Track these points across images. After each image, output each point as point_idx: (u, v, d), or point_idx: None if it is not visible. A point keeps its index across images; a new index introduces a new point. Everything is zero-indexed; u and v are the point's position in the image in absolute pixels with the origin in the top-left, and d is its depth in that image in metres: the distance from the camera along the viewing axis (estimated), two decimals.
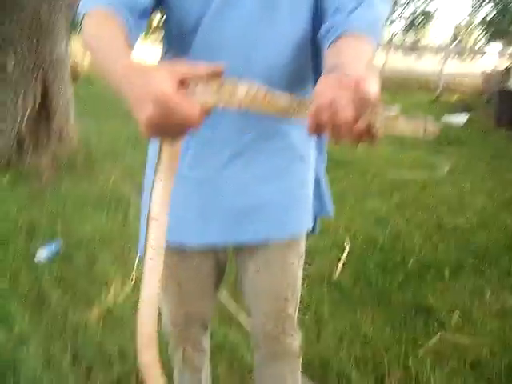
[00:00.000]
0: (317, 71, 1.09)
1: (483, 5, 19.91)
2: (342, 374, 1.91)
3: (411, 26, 22.88)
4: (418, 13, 22.42)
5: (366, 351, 2.05)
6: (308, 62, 1.08)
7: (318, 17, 1.01)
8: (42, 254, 2.84)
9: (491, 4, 19.48)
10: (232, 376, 1.91)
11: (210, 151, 1.09)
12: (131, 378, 1.90)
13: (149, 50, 13.66)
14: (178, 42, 1.06)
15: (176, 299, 1.30)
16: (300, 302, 2.22)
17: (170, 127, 0.65)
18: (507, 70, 9.46)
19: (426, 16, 22.89)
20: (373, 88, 0.63)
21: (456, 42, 22.62)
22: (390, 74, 12.14)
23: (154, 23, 11.07)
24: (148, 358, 0.85)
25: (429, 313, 2.35)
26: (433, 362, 1.99)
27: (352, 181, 4.41)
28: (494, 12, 19.53)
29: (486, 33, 20.76)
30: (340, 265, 2.79)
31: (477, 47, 22.22)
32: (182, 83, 0.64)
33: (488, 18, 20.17)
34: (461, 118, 7.52)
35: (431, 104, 9.55)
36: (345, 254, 2.90)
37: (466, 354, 2.06)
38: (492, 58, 15.32)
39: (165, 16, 1.05)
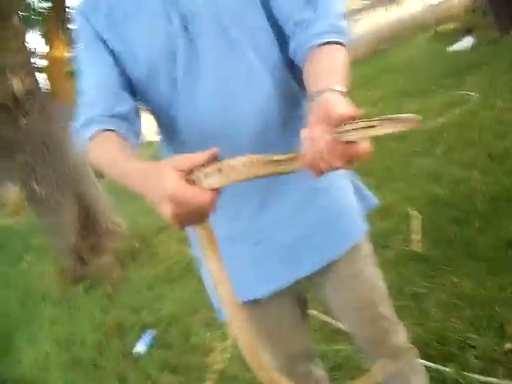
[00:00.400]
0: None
1: None
2: (461, 341, 1.86)
3: None
4: None
5: (475, 310, 1.98)
6: (290, 79, 1.09)
7: (280, 34, 1.03)
8: (140, 347, 2.91)
9: None
10: None
11: (238, 207, 1.10)
12: None
13: None
14: (165, 127, 1.11)
15: (271, 345, 1.30)
16: (391, 287, 2.20)
17: (192, 216, 0.73)
18: None
19: None
20: (342, 108, 0.70)
21: None
22: (380, 31, 11.96)
23: None
24: None
25: None
26: None
27: (391, 150, 4.30)
28: None
29: None
30: (415, 236, 2.71)
31: None
32: (187, 174, 0.71)
33: None
34: (466, 42, 7.28)
35: (432, 41, 9.29)
36: (415, 223, 2.83)
37: None
38: None
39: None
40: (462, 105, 4.64)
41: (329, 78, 0.82)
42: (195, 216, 0.74)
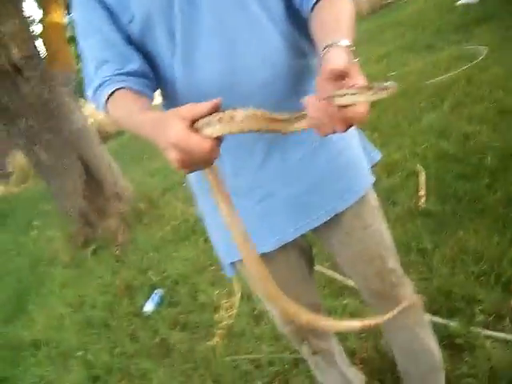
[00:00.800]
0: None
1: None
2: (467, 296, 1.86)
3: None
4: None
5: (482, 266, 1.97)
6: (297, 32, 1.04)
7: None
8: (149, 306, 2.95)
9: None
10: (365, 344, 1.90)
11: (243, 159, 1.08)
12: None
13: None
14: (167, 88, 1.07)
15: None
16: (398, 243, 2.20)
17: (195, 162, 0.76)
18: None
19: None
20: (340, 61, 0.72)
21: None
22: None
23: None
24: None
25: None
26: None
27: (398, 106, 4.22)
28: None
29: None
30: (422, 192, 2.70)
31: None
32: (192, 123, 0.74)
33: None
34: None
35: None
36: (422, 180, 2.81)
37: None
38: None
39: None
40: (470, 59, 4.53)
41: (335, 31, 0.82)
42: (199, 162, 0.76)
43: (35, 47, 4.04)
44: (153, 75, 1.04)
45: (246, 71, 0.98)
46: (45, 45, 4.55)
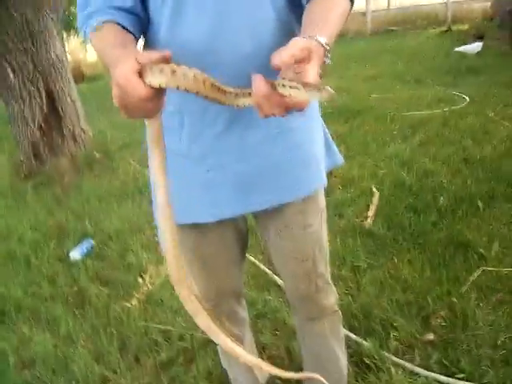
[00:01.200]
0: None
1: None
2: (386, 320, 1.89)
3: None
4: None
5: (408, 296, 2.01)
6: (294, 18, 1.02)
7: None
8: (76, 253, 2.89)
9: None
10: (277, 341, 1.91)
11: (203, 125, 1.05)
12: (178, 360, 1.92)
13: None
14: (150, 37, 1.05)
15: (204, 275, 1.29)
16: (335, 255, 2.22)
17: (131, 106, 0.74)
18: None
19: None
20: (283, 56, 0.74)
21: None
22: (396, 12, 11.80)
23: None
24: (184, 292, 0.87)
25: (467, 248, 2.28)
26: (477, 297, 1.95)
27: (371, 127, 4.31)
28: None
29: None
30: (371, 212, 2.74)
31: None
32: (142, 68, 0.72)
33: None
34: (475, 47, 7.23)
35: (442, 36, 9.22)
36: (374, 201, 2.85)
37: (511, 283, 2.00)
38: None
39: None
40: (451, 104, 4.65)
41: (318, 27, 0.84)
42: (135, 107, 0.75)
43: None
44: (144, 16, 1.01)
45: (231, 40, 0.96)
46: None
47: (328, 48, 0.80)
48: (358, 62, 7.52)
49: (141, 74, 0.72)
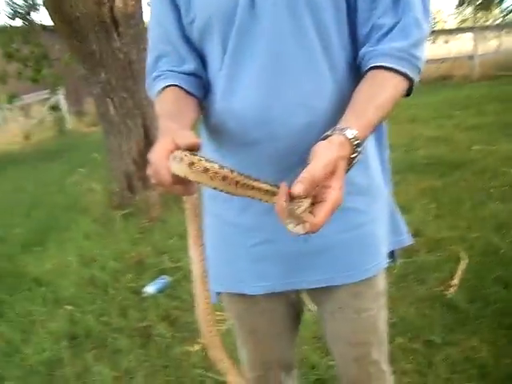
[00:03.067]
0: None
1: None
2: None
3: None
4: None
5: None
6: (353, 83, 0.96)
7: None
8: (151, 289, 2.94)
9: None
10: None
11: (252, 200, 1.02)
12: None
13: None
14: (208, 101, 1.04)
15: (250, 345, 1.25)
16: (408, 325, 2.06)
17: (160, 185, 0.75)
18: None
19: None
20: (305, 183, 0.71)
21: None
22: (506, 55, 11.19)
23: None
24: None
25: None
26: None
27: (468, 183, 4.02)
28: None
29: None
30: (455, 281, 2.53)
31: None
32: (173, 150, 0.73)
33: None
34: None
35: None
36: (460, 269, 2.63)
37: None
38: None
39: None
40: None
41: (355, 115, 0.81)
42: (163, 187, 0.75)
43: (140, 6, 4.11)
44: (206, 79, 1.02)
45: (284, 111, 0.92)
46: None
47: (357, 143, 0.76)
48: (462, 109, 7.17)
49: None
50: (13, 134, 10.78)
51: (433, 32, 10.97)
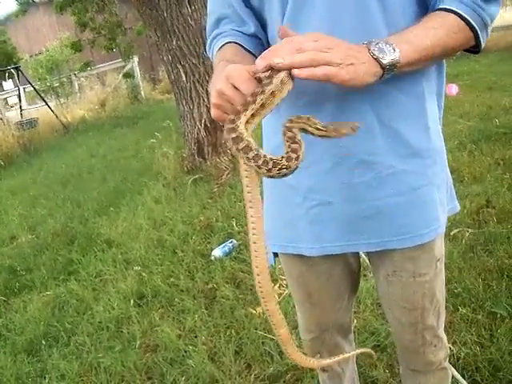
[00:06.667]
0: None
1: None
2: None
3: None
4: None
5: None
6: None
7: None
8: (218, 252, 3.02)
9: None
10: (389, 379, 1.79)
11: (310, 161, 1.02)
12: (285, 377, 1.92)
13: None
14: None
15: (306, 306, 1.27)
16: (473, 297, 2.00)
17: (231, 99, 0.78)
18: None
19: None
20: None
21: None
22: None
23: None
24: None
25: None
26: None
27: None
28: None
29: None
30: None
31: None
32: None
33: None
34: None
35: None
36: None
37: None
38: None
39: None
40: None
41: (403, 39, 0.83)
42: (234, 101, 0.77)
43: None
44: (266, 42, 1.04)
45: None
46: None
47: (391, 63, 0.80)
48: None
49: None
50: (89, 101, 11.23)
51: None
